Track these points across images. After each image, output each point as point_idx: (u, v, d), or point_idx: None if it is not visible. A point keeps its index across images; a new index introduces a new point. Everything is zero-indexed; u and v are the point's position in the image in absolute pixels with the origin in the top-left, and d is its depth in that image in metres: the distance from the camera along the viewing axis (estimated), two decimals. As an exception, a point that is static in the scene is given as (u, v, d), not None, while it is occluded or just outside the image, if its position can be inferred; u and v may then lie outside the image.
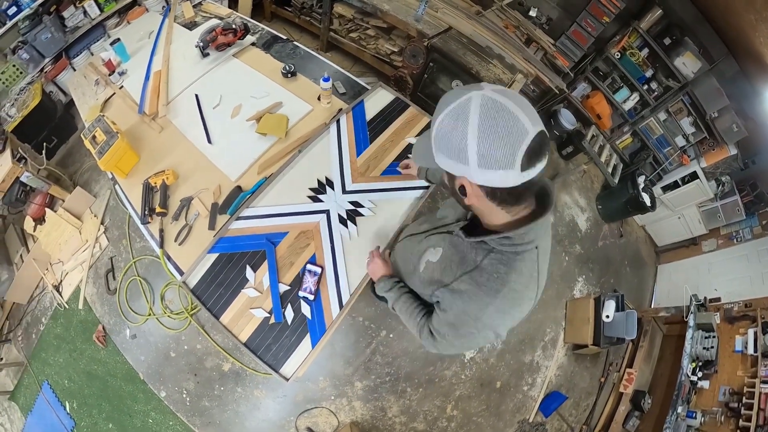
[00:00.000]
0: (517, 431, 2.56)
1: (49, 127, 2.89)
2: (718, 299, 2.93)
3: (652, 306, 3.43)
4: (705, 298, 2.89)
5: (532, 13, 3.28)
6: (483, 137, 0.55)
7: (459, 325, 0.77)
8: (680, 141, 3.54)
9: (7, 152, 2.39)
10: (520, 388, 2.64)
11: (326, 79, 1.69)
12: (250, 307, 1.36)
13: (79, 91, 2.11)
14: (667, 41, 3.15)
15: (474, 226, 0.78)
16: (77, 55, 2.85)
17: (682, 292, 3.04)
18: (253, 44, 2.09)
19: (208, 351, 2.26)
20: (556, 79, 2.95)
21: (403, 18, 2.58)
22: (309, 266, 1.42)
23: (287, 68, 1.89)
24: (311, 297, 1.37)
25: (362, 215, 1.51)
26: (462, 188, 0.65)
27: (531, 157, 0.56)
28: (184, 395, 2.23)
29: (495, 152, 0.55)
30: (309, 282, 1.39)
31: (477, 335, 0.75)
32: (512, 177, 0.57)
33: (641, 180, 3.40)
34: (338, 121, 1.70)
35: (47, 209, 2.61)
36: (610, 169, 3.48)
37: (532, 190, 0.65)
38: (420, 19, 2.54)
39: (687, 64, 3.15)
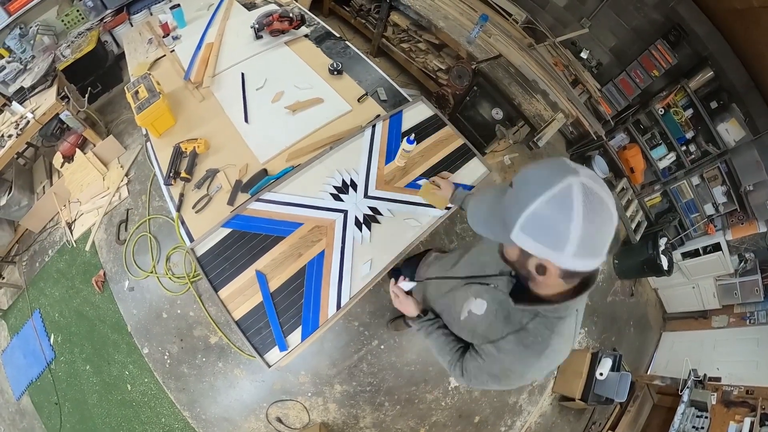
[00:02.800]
0: (485, 471, 2.49)
1: (97, 74, 3.00)
2: (719, 379, 2.79)
3: (649, 372, 3.30)
4: (705, 375, 2.75)
5: (584, 54, 3.26)
6: (587, 228, 0.56)
7: (501, 377, 0.82)
8: (709, 209, 3.43)
9: (54, 88, 2.49)
10: (497, 428, 2.56)
11: (411, 141, 1.49)
12: (249, 287, 1.37)
13: (131, 46, 2.19)
14: (713, 105, 3.07)
15: (520, 288, 0.79)
16: (137, 12, 2.97)
17: (682, 364, 2.92)
18: (306, 36, 2.13)
19: (200, 320, 2.28)
20: (596, 125, 2.91)
21: (455, 37, 2.59)
22: None
23: (335, 65, 1.91)
24: None
25: (378, 222, 1.50)
26: (541, 267, 0.66)
27: (612, 245, 0.60)
28: (166, 357, 2.25)
29: (595, 243, 0.57)
30: None
31: (514, 384, 0.82)
32: (598, 263, 0.60)
33: (663, 242, 3.30)
34: (374, 126, 1.71)
35: (78, 149, 2.70)
36: (633, 225, 3.40)
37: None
38: (472, 41, 2.54)
39: (730, 131, 3.06)
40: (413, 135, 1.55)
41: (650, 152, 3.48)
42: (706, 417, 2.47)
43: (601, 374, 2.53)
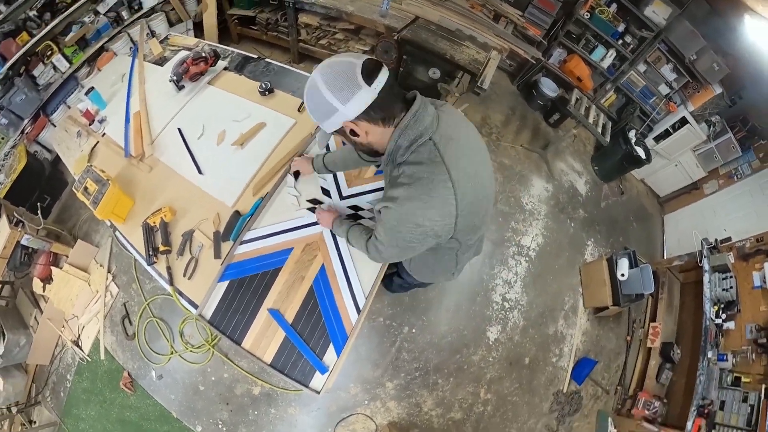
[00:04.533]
0: (553, 404, 2.57)
1: (40, 187, 2.89)
2: (729, 239, 2.92)
3: (665, 257, 3.43)
4: (716, 240, 2.88)
5: (495, -12, 3.27)
6: (329, 84, 0.75)
7: (389, 228, 0.89)
8: (664, 89, 3.53)
9: (3, 218, 2.39)
10: (549, 361, 2.64)
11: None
12: (269, 327, 1.37)
13: (63, 146, 2.11)
14: (632, -9, 3.14)
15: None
16: (55, 111, 2.86)
17: (692, 238, 3.03)
18: (225, 68, 2.09)
19: (236, 378, 2.26)
20: (530, 50, 2.95)
21: (368, 16, 2.58)
22: None
23: (263, 86, 1.89)
24: None
25: (363, 217, 1.51)
26: (352, 132, 0.83)
27: (369, 74, 0.74)
28: (220, 425, 2.24)
29: (342, 86, 0.74)
30: None
31: (404, 231, 0.86)
32: (366, 94, 0.74)
33: (632, 134, 3.39)
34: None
35: (53, 267, 2.61)
36: (599, 129, 3.48)
37: (396, 100, 0.81)
38: (385, 14, 2.54)
39: (657, 12, 3.14)
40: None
41: (590, 56, 3.56)
42: (731, 276, 2.59)
43: (622, 275, 2.62)
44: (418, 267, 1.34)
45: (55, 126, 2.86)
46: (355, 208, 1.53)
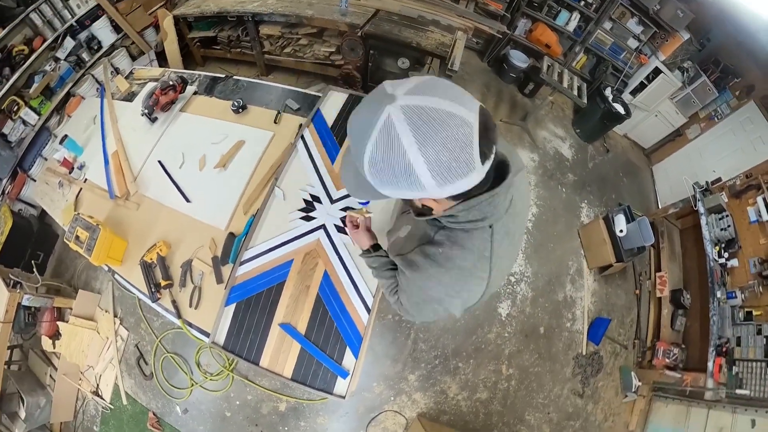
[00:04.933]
0: (575, 367, 2.60)
1: (31, 244, 2.84)
2: (719, 179, 2.97)
3: (660, 206, 3.47)
4: (707, 182, 2.92)
5: (450, -31, 3.26)
6: (428, 154, 0.47)
7: (408, 292, 0.80)
8: (633, 43, 3.55)
9: (0, 284, 2.36)
10: (564, 326, 2.67)
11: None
12: (283, 341, 1.37)
13: (47, 199, 2.08)
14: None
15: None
16: (32, 165, 2.81)
17: (683, 184, 3.08)
18: (195, 93, 2.07)
19: (260, 398, 2.26)
20: (495, 25, 2.96)
21: (329, 17, 2.56)
22: None
23: (236, 104, 1.88)
24: None
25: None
26: (424, 206, 0.65)
27: (486, 145, 0.50)
28: (253, 447, 2.24)
29: (449, 164, 0.48)
30: None
31: (423, 305, 0.78)
32: (476, 176, 0.52)
33: (608, 92, 3.42)
34: (302, 137, 1.70)
35: (59, 322, 2.58)
36: (575, 92, 3.48)
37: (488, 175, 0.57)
38: (345, 12, 2.52)
39: (614, -33, 3.15)
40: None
41: (554, 22, 3.57)
42: (727, 215, 2.64)
43: (621, 231, 2.65)
44: None
45: (35, 180, 2.82)
46: (348, 209, 1.53)
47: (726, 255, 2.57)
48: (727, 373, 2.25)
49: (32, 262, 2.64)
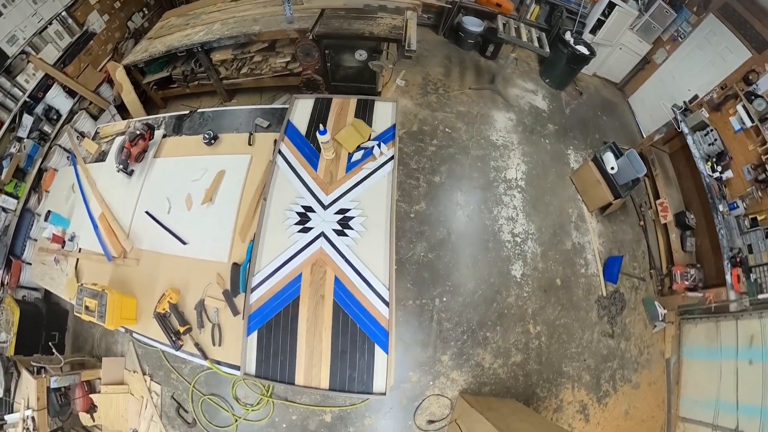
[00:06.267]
0: (599, 310, 2.63)
1: (44, 326, 2.82)
2: (696, 97, 2.99)
3: (644, 136, 3.49)
4: (684, 102, 2.94)
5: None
6: None
7: None
8: (580, -18, 3.54)
9: (24, 373, 2.36)
10: (579, 273, 2.70)
11: (323, 132, 1.51)
12: (312, 355, 1.38)
13: (47, 279, 2.08)
14: None
15: None
16: (24, 250, 2.78)
17: (662, 109, 3.10)
18: (164, 136, 2.06)
19: (304, 415, 2.28)
20: (441, -4, 2.93)
21: (276, 28, 2.54)
22: None
23: (206, 136, 1.87)
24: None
25: (353, 216, 1.51)
26: None
27: None
28: (310, 464, 2.26)
29: None
30: None
31: None
32: None
33: (568, 36, 3.41)
34: (280, 151, 1.69)
35: (92, 395, 2.59)
36: (536, 44, 3.49)
37: None
38: (292, 19, 2.49)
39: None
40: (321, 126, 1.54)
41: (498, -21, 3.54)
42: (711, 129, 2.66)
43: (612, 168, 2.67)
44: None
45: (30, 264, 2.79)
46: (342, 211, 1.53)
47: (719, 168, 2.60)
48: (746, 281, 2.29)
49: (49, 343, 2.63)
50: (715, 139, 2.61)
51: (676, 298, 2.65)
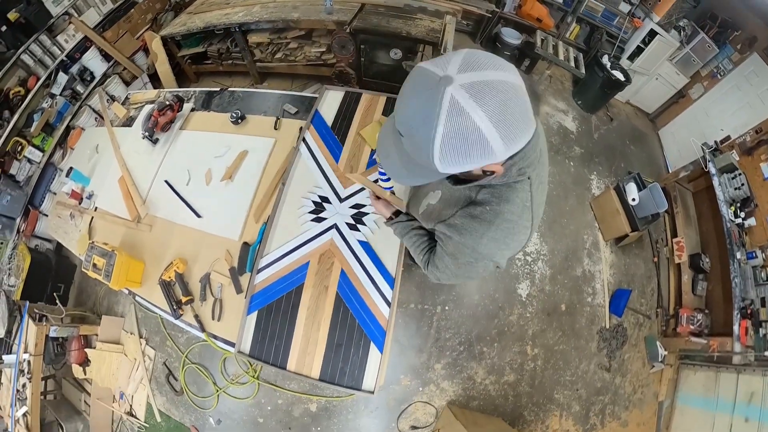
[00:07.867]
0: (600, 341, 2.58)
1: (51, 277, 2.91)
2: (728, 137, 2.87)
3: (670, 171, 3.40)
4: (715, 141, 2.84)
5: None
6: (498, 122, 0.51)
7: (458, 255, 0.81)
8: (625, 7, 3.47)
9: (26, 318, 2.43)
10: (585, 301, 2.64)
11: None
12: (308, 343, 1.38)
13: (60, 232, 2.12)
14: None
15: None
16: (42, 202, 2.87)
17: (692, 145, 3.00)
18: (193, 110, 2.08)
19: (290, 401, 2.29)
20: (482, 4, 2.92)
21: (315, 17, 2.55)
22: None
23: (234, 115, 1.88)
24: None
25: (368, 213, 1.51)
26: (485, 171, 0.64)
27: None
28: (289, 450, 2.27)
29: (516, 125, 0.53)
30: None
31: (475, 264, 0.79)
32: (531, 129, 0.58)
33: (606, 60, 3.34)
34: (304, 139, 1.70)
35: (87, 350, 2.65)
36: (572, 63, 3.43)
37: None
38: (331, 11, 2.50)
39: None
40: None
41: (543, -6, 3.49)
42: (740, 173, 2.56)
43: (633, 199, 2.60)
44: None
45: (47, 216, 2.87)
46: (357, 206, 1.53)
47: (742, 214, 2.50)
48: (754, 335, 2.20)
49: (54, 294, 2.71)
50: (743, 184, 2.52)
51: (679, 341, 2.58)
